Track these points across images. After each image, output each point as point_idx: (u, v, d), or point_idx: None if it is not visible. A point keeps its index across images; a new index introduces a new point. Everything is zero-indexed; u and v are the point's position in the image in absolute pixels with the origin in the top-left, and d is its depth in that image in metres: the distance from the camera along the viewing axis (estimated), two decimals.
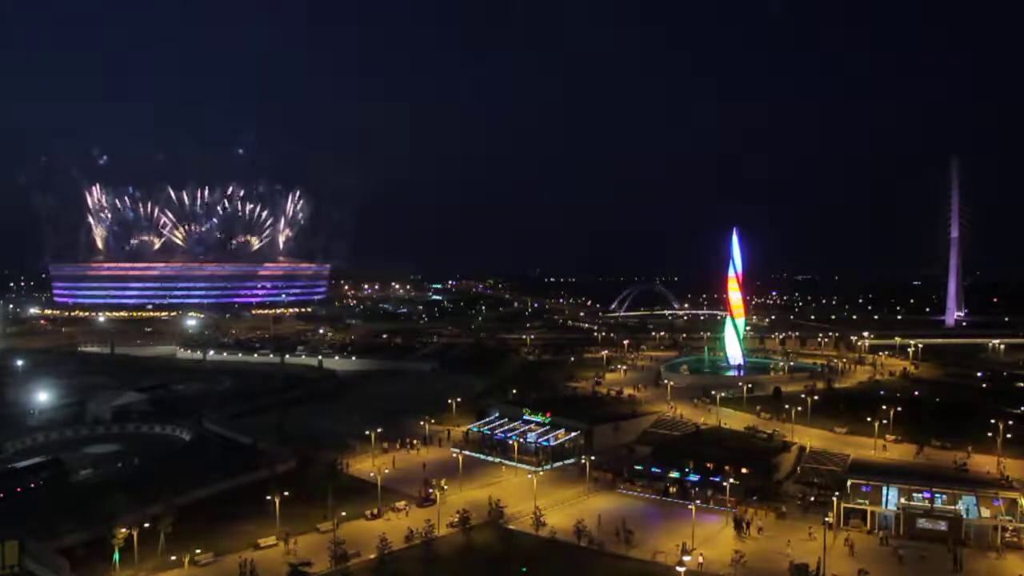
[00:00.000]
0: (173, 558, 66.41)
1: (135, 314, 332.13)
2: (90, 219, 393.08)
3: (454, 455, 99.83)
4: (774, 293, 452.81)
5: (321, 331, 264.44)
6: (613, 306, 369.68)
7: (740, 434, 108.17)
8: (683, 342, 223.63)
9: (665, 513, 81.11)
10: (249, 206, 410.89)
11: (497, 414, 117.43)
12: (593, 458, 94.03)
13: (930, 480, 79.94)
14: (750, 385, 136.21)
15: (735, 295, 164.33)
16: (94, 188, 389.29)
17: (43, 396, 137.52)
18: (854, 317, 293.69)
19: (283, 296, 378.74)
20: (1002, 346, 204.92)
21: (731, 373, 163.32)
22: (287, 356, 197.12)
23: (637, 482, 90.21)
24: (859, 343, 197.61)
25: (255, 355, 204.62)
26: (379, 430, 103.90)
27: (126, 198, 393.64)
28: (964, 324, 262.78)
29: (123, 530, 65.87)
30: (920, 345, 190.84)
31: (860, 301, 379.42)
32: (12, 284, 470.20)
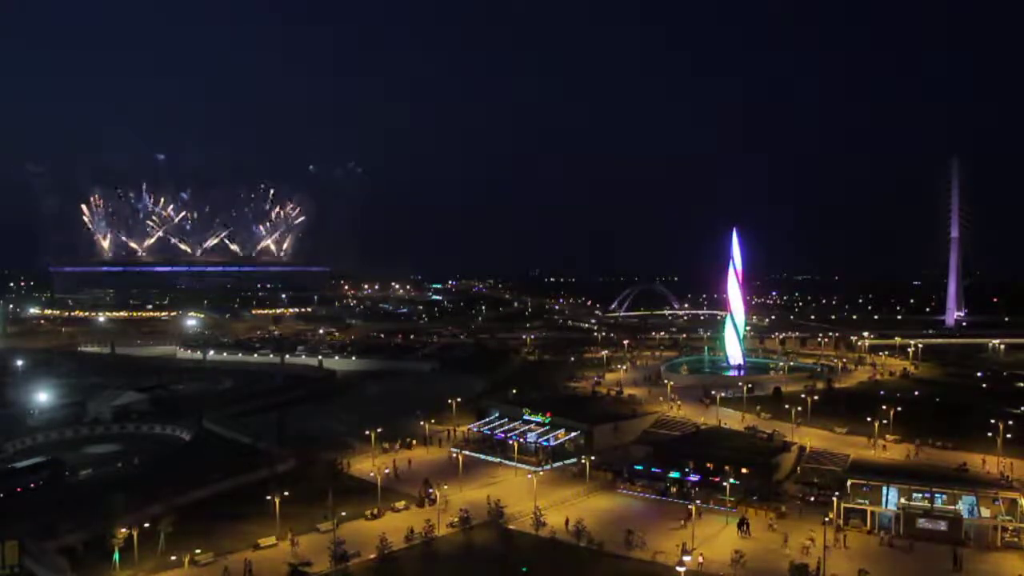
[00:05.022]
0: (173, 558, 66.37)
1: (135, 314, 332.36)
2: (90, 219, 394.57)
3: (454, 455, 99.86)
4: (774, 293, 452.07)
5: (321, 331, 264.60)
6: (613, 306, 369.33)
7: (740, 434, 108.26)
8: (683, 342, 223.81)
9: (665, 513, 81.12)
10: (250, 206, 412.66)
11: (497, 414, 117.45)
12: (593, 458, 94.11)
13: (930, 480, 79.91)
14: (750, 385, 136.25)
15: (735, 295, 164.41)
16: (94, 188, 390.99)
17: (43, 396, 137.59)
18: (854, 317, 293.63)
19: (283, 296, 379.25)
20: (1002, 346, 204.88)
21: (731, 373, 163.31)
22: (287, 356, 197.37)
23: (637, 482, 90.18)
24: (859, 343, 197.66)
25: (255, 355, 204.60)
26: (379, 430, 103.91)
27: (129, 198, 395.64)
28: (964, 324, 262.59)
29: (123, 530, 65.92)
30: (920, 345, 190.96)
31: (860, 301, 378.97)
32: (12, 284, 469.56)
